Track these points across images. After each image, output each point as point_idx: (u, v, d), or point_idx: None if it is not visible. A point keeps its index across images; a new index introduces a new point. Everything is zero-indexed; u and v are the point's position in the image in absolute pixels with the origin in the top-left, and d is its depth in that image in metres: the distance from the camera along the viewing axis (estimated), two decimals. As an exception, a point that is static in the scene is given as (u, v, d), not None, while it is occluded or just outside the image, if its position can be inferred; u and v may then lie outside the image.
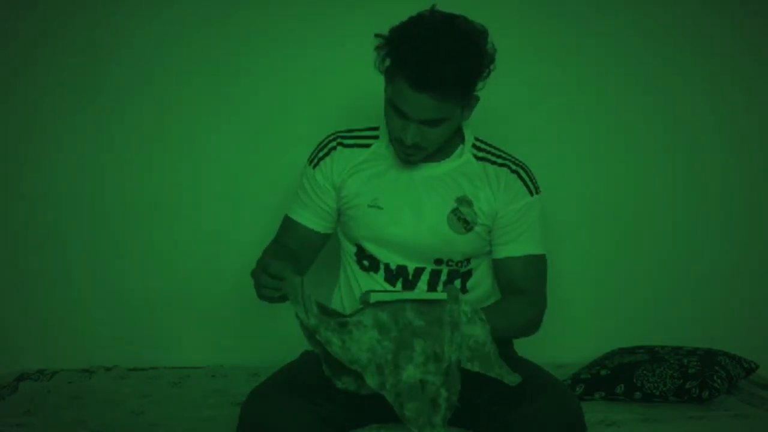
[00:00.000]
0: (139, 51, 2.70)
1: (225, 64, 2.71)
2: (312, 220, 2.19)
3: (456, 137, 2.15)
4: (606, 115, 2.82)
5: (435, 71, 1.92)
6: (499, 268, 2.17)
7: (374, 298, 1.89)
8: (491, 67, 2.01)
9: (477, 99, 2.05)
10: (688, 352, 2.50)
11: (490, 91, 2.22)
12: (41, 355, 2.68)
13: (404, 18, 2.00)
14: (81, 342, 2.71)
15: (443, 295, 1.91)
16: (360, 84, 2.29)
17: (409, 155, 2.07)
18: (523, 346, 2.25)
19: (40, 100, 2.69)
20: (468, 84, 1.98)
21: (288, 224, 2.22)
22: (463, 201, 2.13)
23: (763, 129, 2.86)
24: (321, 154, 2.18)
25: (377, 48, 2.01)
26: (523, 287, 2.14)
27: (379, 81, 2.07)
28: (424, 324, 1.89)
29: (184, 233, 2.74)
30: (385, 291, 2.10)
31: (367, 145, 2.18)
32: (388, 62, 2.01)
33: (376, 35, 2.01)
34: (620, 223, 2.84)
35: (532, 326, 2.15)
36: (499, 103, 2.67)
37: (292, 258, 2.08)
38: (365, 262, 2.18)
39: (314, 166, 2.18)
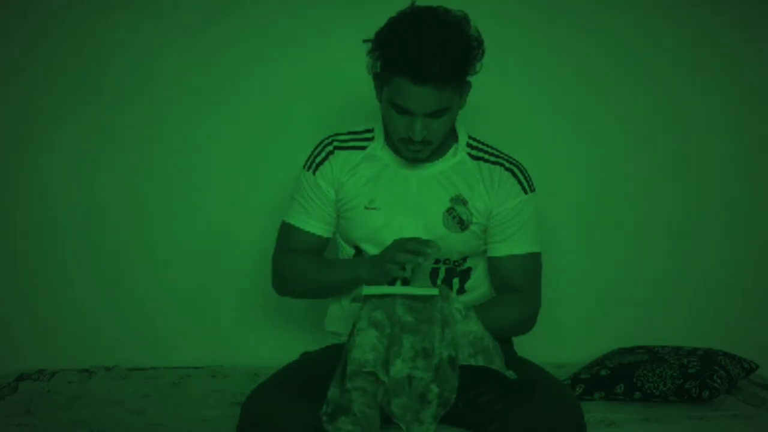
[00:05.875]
0: (138, 53, 2.70)
1: (224, 65, 2.71)
2: (318, 226, 2.18)
3: (450, 137, 2.15)
4: (605, 114, 2.82)
5: (433, 63, 1.93)
6: (493, 266, 2.18)
7: (366, 291, 1.89)
8: (483, 48, 2.02)
9: (470, 85, 2.07)
10: (688, 352, 2.50)
11: (488, 91, 2.23)
12: (41, 355, 2.67)
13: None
14: (81, 342, 2.71)
15: (435, 290, 1.91)
16: (358, 85, 2.29)
17: (417, 152, 2.07)
18: (523, 346, 2.25)
19: (39, 100, 2.69)
20: (465, 68, 2.00)
21: (292, 232, 2.20)
22: (458, 200, 2.14)
23: (763, 129, 2.86)
24: (319, 159, 2.18)
25: (369, 53, 2.03)
26: (518, 286, 2.15)
27: (377, 81, 2.07)
28: (414, 321, 1.89)
29: (183, 233, 2.74)
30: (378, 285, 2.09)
31: (363, 147, 2.18)
32: (379, 65, 2.02)
33: (365, 41, 2.03)
34: (620, 222, 2.84)
35: (526, 324, 2.16)
36: (497, 102, 2.68)
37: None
38: (364, 264, 2.17)
39: (314, 172, 2.17)
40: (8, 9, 2.66)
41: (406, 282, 2.04)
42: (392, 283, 1.99)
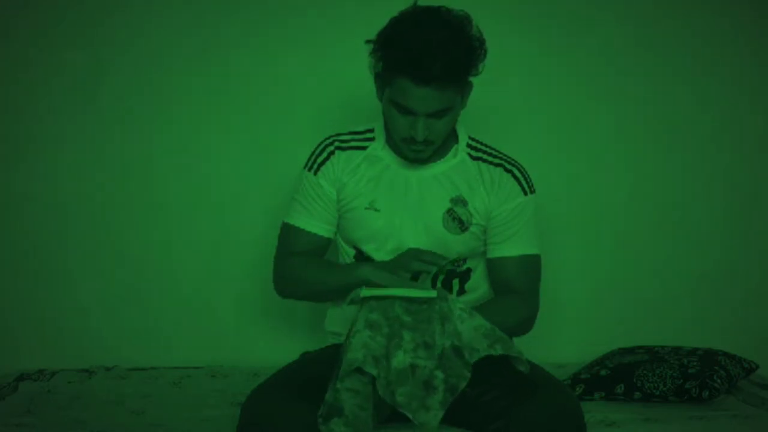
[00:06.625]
0: (138, 53, 2.70)
1: (224, 65, 2.71)
2: (320, 226, 2.18)
3: (450, 137, 2.15)
4: (605, 115, 2.82)
5: (435, 63, 1.93)
6: (492, 267, 2.18)
7: (365, 292, 1.89)
8: (485, 48, 2.02)
9: (471, 86, 2.07)
10: (688, 352, 2.50)
11: (488, 92, 2.22)
12: (41, 355, 2.67)
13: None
14: (81, 342, 2.71)
15: (433, 293, 1.90)
16: (358, 85, 2.29)
17: (419, 152, 2.07)
18: (523, 346, 2.23)
19: (40, 101, 2.69)
20: (467, 69, 2.00)
21: (293, 233, 2.19)
22: (458, 201, 2.14)
23: (763, 127, 2.86)
24: (320, 159, 2.18)
25: (371, 53, 2.03)
26: (517, 287, 2.15)
27: (377, 81, 2.07)
28: (412, 320, 1.89)
29: (184, 234, 2.74)
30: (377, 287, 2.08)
31: (364, 147, 2.18)
32: (381, 66, 2.02)
33: (367, 41, 2.03)
34: (620, 222, 2.84)
35: (525, 326, 2.16)
36: (497, 103, 2.68)
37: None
38: (364, 265, 2.17)
39: (315, 173, 2.17)
40: (8, 8, 2.66)
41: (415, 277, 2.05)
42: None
